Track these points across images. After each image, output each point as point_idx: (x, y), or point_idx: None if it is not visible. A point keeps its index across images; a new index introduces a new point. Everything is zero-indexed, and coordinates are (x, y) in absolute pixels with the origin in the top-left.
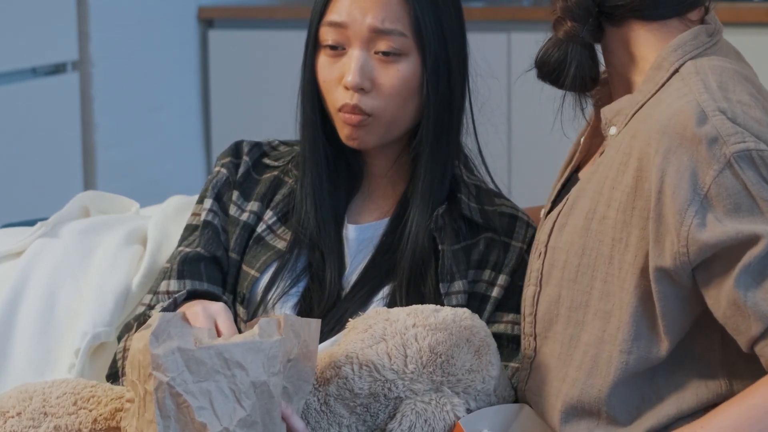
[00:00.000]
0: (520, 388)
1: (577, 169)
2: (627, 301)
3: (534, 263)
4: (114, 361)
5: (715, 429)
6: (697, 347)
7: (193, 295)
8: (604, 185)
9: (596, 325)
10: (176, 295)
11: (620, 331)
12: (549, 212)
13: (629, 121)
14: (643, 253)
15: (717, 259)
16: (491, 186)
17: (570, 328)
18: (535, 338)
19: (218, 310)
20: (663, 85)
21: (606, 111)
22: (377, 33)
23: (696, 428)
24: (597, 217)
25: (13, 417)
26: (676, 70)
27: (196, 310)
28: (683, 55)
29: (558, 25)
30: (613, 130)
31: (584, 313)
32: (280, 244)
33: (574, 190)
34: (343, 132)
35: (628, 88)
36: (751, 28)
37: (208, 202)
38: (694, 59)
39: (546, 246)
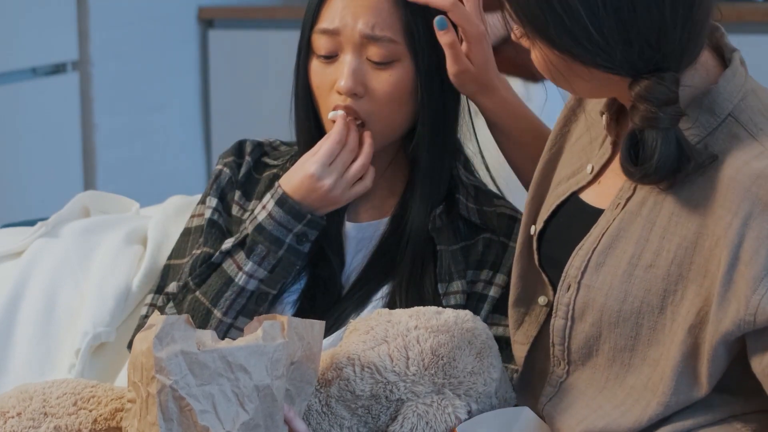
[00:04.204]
0: (540, 402)
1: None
2: (672, 355)
3: (561, 296)
4: None
5: None
6: (724, 379)
7: None
8: (651, 232)
9: (644, 370)
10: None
11: (662, 383)
12: (544, 230)
13: None
14: (696, 309)
15: None
16: (491, 188)
17: (616, 367)
18: (568, 363)
19: None
20: (714, 130)
21: None
22: (368, 39)
23: None
24: (642, 264)
25: (13, 417)
26: (729, 114)
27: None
28: (732, 96)
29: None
30: None
31: (630, 356)
32: None
33: (611, 229)
34: None
35: None
36: (751, 28)
37: (212, 201)
38: (744, 99)
39: (578, 282)
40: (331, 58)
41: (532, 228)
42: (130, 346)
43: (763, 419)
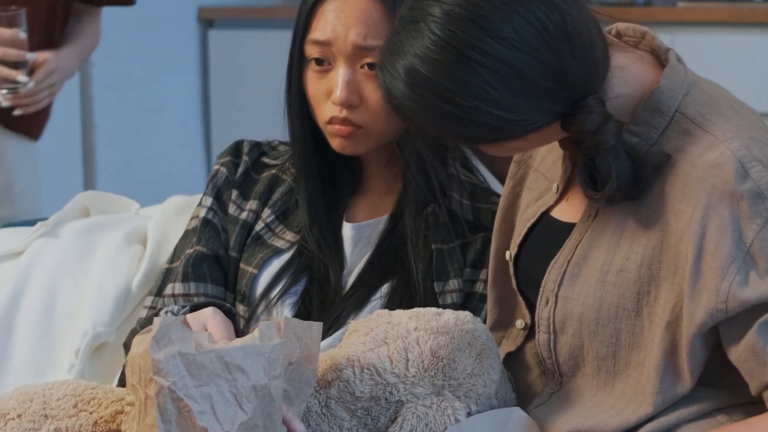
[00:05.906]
0: (527, 409)
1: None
2: (654, 355)
3: (541, 311)
4: (123, 374)
5: None
6: (706, 372)
7: (196, 308)
8: (621, 238)
9: (631, 374)
10: (179, 311)
11: (649, 383)
12: (518, 254)
13: None
14: (670, 306)
15: (746, 311)
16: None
17: (602, 375)
18: (561, 375)
19: (207, 315)
20: (665, 128)
21: None
22: (361, 50)
23: None
24: (614, 269)
25: (13, 419)
26: (676, 110)
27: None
28: (676, 93)
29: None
30: None
31: (614, 362)
32: (278, 243)
33: (584, 239)
34: (334, 143)
35: None
36: (751, 28)
37: (207, 201)
38: (688, 93)
39: (556, 295)
40: (323, 63)
41: (507, 253)
42: (127, 347)
43: (748, 411)
